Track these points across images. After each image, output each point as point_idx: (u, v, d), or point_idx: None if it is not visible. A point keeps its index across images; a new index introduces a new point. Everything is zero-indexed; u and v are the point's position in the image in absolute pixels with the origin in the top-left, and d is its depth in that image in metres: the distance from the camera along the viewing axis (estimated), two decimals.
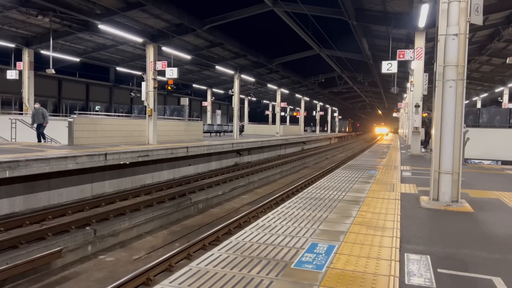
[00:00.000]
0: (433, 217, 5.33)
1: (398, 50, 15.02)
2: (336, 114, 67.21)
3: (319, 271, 3.25)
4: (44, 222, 8.46)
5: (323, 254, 3.65)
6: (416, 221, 5.04)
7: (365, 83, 37.39)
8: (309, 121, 58.57)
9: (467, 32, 5.87)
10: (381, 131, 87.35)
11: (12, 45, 17.58)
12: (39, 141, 14.33)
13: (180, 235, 8.84)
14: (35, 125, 14.52)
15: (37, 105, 14.60)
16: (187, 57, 20.47)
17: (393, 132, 70.58)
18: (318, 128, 52.93)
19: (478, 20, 5.90)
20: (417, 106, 16.20)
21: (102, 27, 14.45)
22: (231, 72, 25.32)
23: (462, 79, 5.84)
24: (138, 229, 8.96)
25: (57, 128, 15.41)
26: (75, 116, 15.00)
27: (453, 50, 5.78)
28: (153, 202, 10.65)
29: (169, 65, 16.70)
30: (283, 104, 38.23)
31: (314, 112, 51.47)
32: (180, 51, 18.99)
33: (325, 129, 63.38)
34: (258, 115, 49.32)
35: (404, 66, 20.53)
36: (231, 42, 20.73)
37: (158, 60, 16.68)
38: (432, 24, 12.74)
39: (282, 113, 39.65)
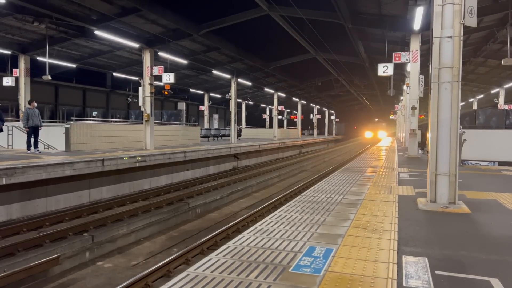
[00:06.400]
0: (431, 219, 5.34)
1: (394, 53, 15.09)
2: (333, 117, 67.31)
3: (317, 274, 3.25)
4: (42, 229, 8.42)
5: (321, 258, 3.65)
6: (413, 223, 5.05)
7: (361, 86, 37.50)
8: (307, 124, 58.59)
9: (462, 34, 5.91)
10: (378, 134, 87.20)
11: (8, 52, 17.55)
12: (36, 146, 12.89)
13: (179, 240, 8.82)
14: (26, 128, 12.61)
15: (34, 104, 12.86)
16: (184, 62, 20.49)
17: (391, 135, 70.57)
18: (315, 131, 52.98)
19: (472, 22, 5.94)
20: (413, 108, 16.26)
21: (98, 33, 14.45)
22: (228, 76, 25.34)
23: (458, 81, 5.87)
24: (136, 235, 8.93)
25: (54, 134, 15.34)
26: (72, 122, 14.96)
27: (448, 53, 5.82)
28: (151, 208, 10.63)
29: (165, 70, 16.70)
30: (280, 108, 38.29)
31: (311, 115, 51.54)
32: (176, 56, 19.01)
33: (323, 132, 63.41)
34: (255, 119, 49.30)
35: (400, 69, 20.63)
36: (227, 46, 20.77)
37: (155, 65, 16.68)
38: (427, 26, 12.80)
39: (280, 117, 39.65)
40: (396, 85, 27.35)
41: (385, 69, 15.22)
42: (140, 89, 16.83)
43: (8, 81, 17.92)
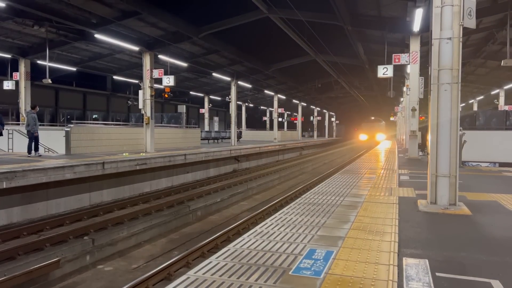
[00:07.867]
0: (431, 221, 5.33)
1: (393, 54, 15.07)
2: (333, 119, 67.28)
3: (318, 277, 3.24)
4: (42, 232, 8.42)
5: (322, 260, 3.64)
6: (414, 225, 5.04)
7: (361, 88, 37.50)
8: (307, 126, 58.58)
9: (461, 35, 5.91)
10: (377, 137, 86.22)
11: (8, 56, 17.59)
12: (37, 150, 12.99)
13: (179, 243, 8.81)
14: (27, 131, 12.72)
15: (37, 108, 13.08)
16: (184, 64, 20.52)
17: (390, 138, 70.17)
18: (315, 133, 52.98)
19: (471, 23, 5.95)
20: (413, 109, 16.25)
21: (98, 36, 14.48)
22: (228, 79, 25.37)
23: (457, 82, 5.87)
24: (137, 238, 8.92)
25: (54, 137, 15.36)
26: (72, 125, 14.97)
27: (447, 54, 5.82)
28: (152, 211, 10.63)
29: (165, 73, 16.72)
30: (281, 110, 38.32)
31: (311, 117, 51.54)
32: (176, 59, 19.03)
33: (323, 134, 63.37)
34: (255, 121, 49.29)
35: (400, 70, 20.62)
36: (227, 49, 20.79)
37: (155, 68, 16.71)
38: (427, 28, 12.79)
39: (280, 119, 39.68)
40: (396, 87, 27.35)
41: (385, 71, 15.22)
42: (140, 92, 16.85)
43: (8, 85, 17.95)
